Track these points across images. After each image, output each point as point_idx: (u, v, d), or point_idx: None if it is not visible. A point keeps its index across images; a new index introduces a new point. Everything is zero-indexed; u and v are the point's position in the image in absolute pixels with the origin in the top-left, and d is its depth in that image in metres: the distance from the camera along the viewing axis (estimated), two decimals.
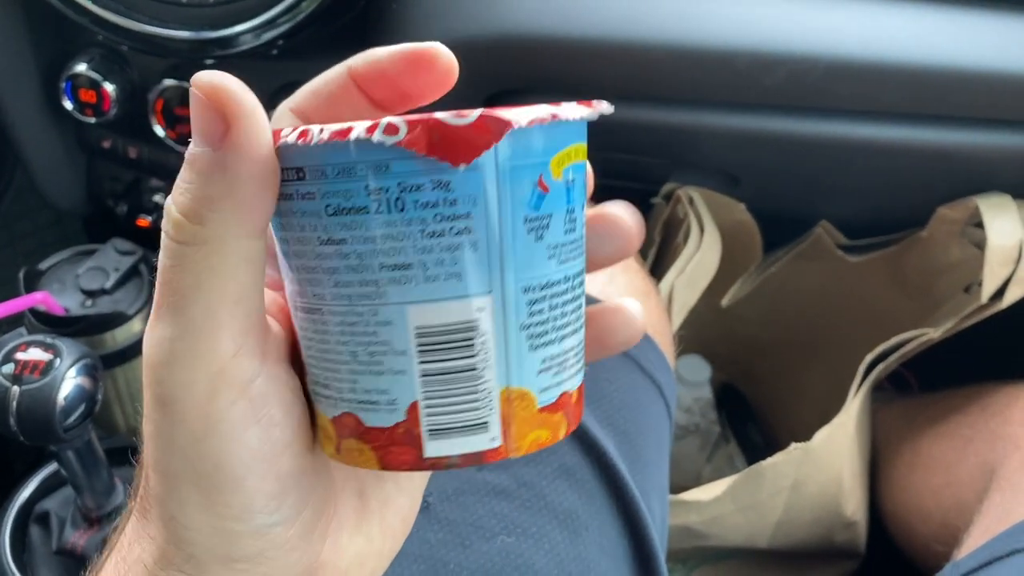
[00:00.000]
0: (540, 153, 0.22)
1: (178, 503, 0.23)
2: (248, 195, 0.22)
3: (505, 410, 0.23)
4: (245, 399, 0.23)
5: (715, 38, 0.59)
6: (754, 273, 0.84)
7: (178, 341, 0.22)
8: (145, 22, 0.60)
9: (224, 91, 0.21)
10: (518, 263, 0.23)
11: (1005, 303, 0.66)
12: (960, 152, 0.65)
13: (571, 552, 0.45)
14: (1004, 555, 0.52)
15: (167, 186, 0.73)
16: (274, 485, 0.24)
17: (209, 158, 0.21)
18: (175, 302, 0.22)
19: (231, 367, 0.22)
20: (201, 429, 0.22)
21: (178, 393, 0.22)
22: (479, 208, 0.22)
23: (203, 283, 0.22)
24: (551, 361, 0.24)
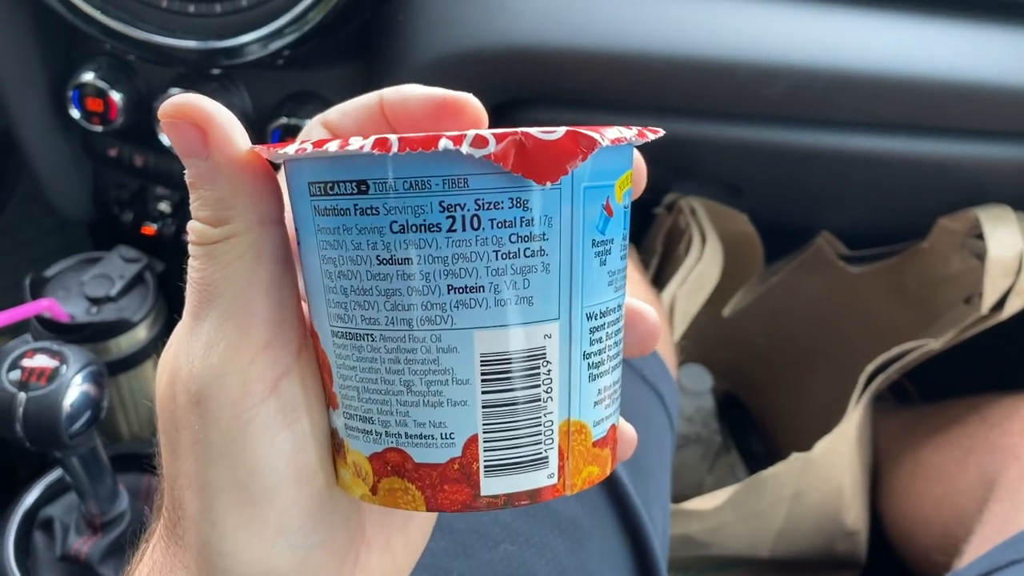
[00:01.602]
0: (609, 175, 0.22)
1: (212, 522, 0.23)
2: (252, 185, 0.22)
3: (563, 444, 0.22)
4: (275, 397, 0.23)
5: (717, 50, 0.59)
6: (755, 283, 0.84)
7: (212, 331, 0.22)
8: (153, 32, 0.61)
9: (187, 106, 0.22)
10: (585, 288, 0.22)
11: (1005, 314, 0.67)
12: (960, 164, 0.65)
13: (573, 561, 0.45)
14: (1004, 565, 0.52)
15: (172, 194, 0.74)
16: (310, 501, 0.23)
17: (204, 167, 0.22)
18: (206, 296, 0.22)
19: (262, 358, 0.22)
20: (236, 427, 0.22)
21: (212, 389, 0.22)
22: (554, 229, 0.21)
23: (232, 273, 0.22)
24: (605, 392, 0.23)
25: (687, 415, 0.93)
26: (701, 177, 0.74)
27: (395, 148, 0.20)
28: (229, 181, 0.22)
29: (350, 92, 0.69)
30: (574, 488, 0.23)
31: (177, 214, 0.74)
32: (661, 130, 0.23)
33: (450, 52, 0.61)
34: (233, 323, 0.22)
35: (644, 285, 0.60)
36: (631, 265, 0.60)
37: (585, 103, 0.65)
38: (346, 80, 0.66)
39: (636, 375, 0.53)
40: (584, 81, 0.63)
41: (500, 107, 0.65)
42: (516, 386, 0.21)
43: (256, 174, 0.22)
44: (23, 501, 0.65)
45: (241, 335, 0.22)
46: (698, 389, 0.94)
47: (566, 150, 0.20)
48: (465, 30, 0.60)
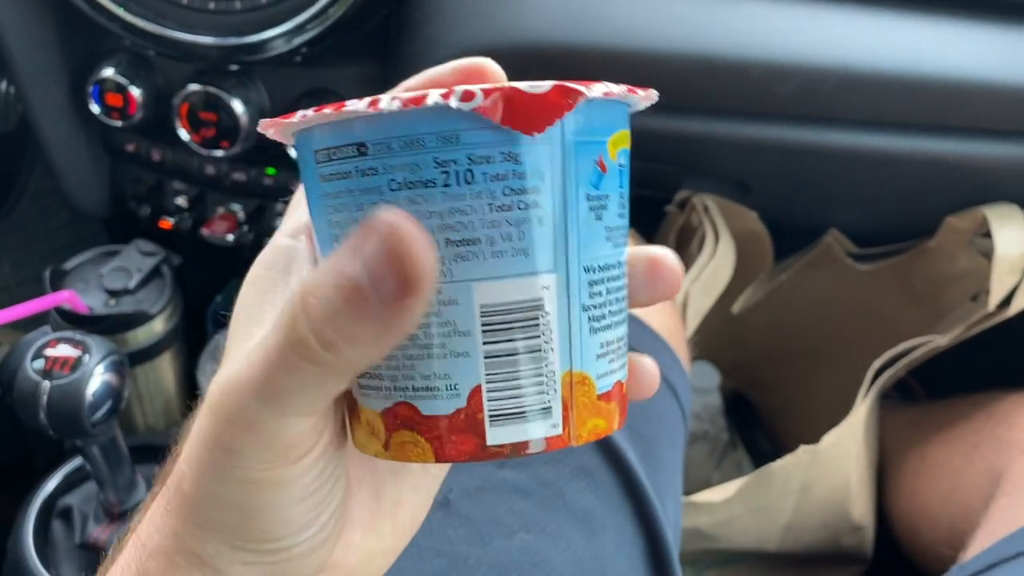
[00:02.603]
0: (601, 131, 0.22)
1: (212, 519, 0.24)
2: (386, 347, 0.21)
3: (566, 395, 0.22)
4: (307, 458, 0.24)
5: (730, 48, 0.60)
6: (764, 281, 0.85)
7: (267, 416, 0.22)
8: (173, 28, 0.62)
9: (414, 254, 0.19)
10: (581, 241, 0.22)
11: (1012, 311, 0.67)
12: (969, 163, 0.66)
13: (588, 551, 0.46)
14: (1010, 557, 0.53)
15: (189, 189, 0.75)
16: (308, 514, 0.25)
17: (372, 306, 0.19)
18: (276, 390, 0.22)
19: (303, 439, 0.23)
20: (258, 478, 0.23)
21: (246, 450, 0.23)
22: (546, 183, 0.21)
23: (306, 395, 0.22)
24: (608, 347, 0.23)
25: (695, 412, 0.94)
26: (712, 175, 0.75)
27: (386, 107, 0.21)
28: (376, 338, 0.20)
29: (367, 89, 0.70)
30: (579, 439, 0.23)
31: (194, 208, 0.75)
32: (654, 92, 0.24)
33: (466, 50, 0.61)
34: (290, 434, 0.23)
35: None
36: None
37: None
38: (363, 77, 0.67)
39: None
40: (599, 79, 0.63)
41: None
42: (516, 337, 0.22)
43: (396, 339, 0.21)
44: (42, 490, 0.66)
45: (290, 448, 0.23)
46: (706, 386, 0.94)
47: (553, 102, 0.21)
48: (481, 27, 0.61)
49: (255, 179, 0.73)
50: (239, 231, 0.73)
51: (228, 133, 0.67)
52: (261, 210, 0.74)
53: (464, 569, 0.43)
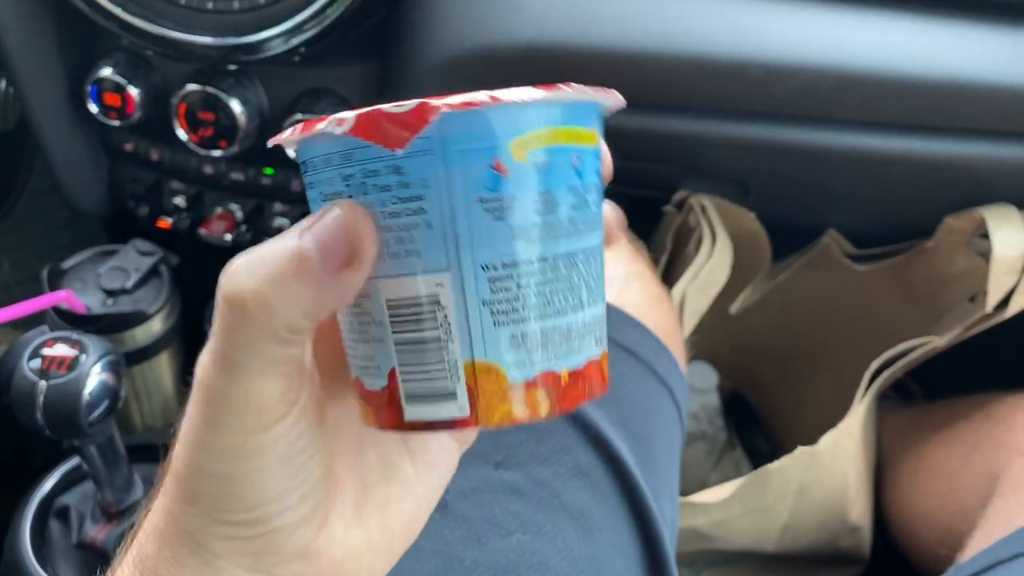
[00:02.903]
0: (493, 137, 0.23)
1: (196, 488, 0.26)
2: (320, 313, 0.24)
3: (470, 382, 0.25)
4: (282, 424, 0.25)
5: (729, 49, 0.60)
6: (762, 281, 0.85)
7: (229, 385, 0.24)
8: (171, 28, 0.62)
9: (364, 234, 0.23)
10: (475, 241, 0.24)
11: (1009, 312, 0.67)
12: (966, 164, 0.66)
13: (584, 551, 0.46)
14: (1007, 559, 0.53)
15: (187, 189, 0.75)
16: (285, 482, 0.26)
17: (312, 271, 0.23)
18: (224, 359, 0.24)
19: (276, 404, 0.24)
20: (235, 444, 0.25)
21: (222, 418, 0.24)
22: (431, 190, 0.23)
23: (252, 355, 0.24)
24: (525, 339, 0.25)
25: (692, 412, 0.94)
26: (710, 175, 0.75)
27: (296, 134, 0.25)
28: (316, 300, 0.23)
29: (365, 89, 0.70)
30: (490, 423, 0.25)
31: (192, 208, 0.75)
32: (573, 90, 0.25)
33: (464, 50, 0.62)
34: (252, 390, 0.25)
35: (654, 281, 0.61)
36: (641, 262, 0.61)
37: None
38: (361, 77, 0.67)
39: (647, 369, 0.54)
40: (596, 79, 0.63)
41: None
42: (418, 328, 0.25)
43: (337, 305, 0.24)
44: (39, 489, 0.66)
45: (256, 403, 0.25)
46: (704, 386, 0.94)
47: (408, 121, 0.23)
48: (479, 28, 0.61)
49: (253, 179, 0.73)
50: (237, 231, 0.73)
51: (226, 133, 0.67)
52: (259, 210, 0.74)
53: (461, 570, 0.43)
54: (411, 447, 0.30)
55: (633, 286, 0.57)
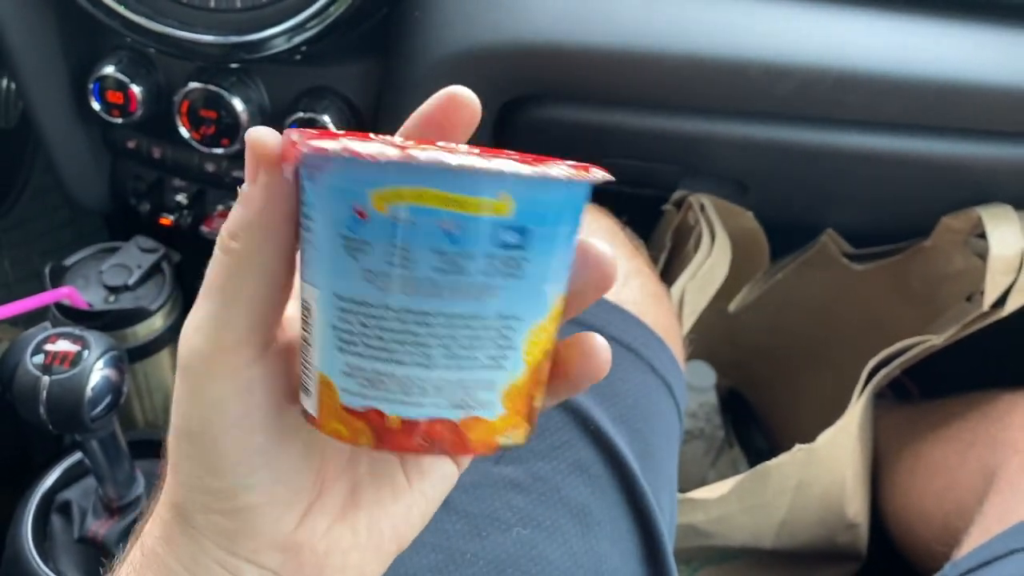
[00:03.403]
0: (357, 182, 0.25)
1: (175, 451, 0.28)
2: (269, 223, 0.26)
3: (319, 390, 0.27)
4: (238, 377, 0.27)
5: (728, 48, 0.61)
6: (760, 280, 0.85)
7: (210, 308, 0.27)
8: (174, 26, 0.62)
9: (260, 143, 0.26)
10: (334, 271, 0.26)
11: (1006, 311, 0.68)
12: (964, 163, 0.67)
13: (583, 545, 0.46)
14: (1003, 555, 0.53)
15: (189, 186, 0.75)
16: (245, 453, 0.27)
17: (244, 192, 0.26)
18: (206, 292, 0.27)
19: (232, 352, 0.27)
20: (197, 389, 0.27)
21: (191, 356, 0.27)
22: (316, 214, 0.26)
23: (226, 282, 0.27)
24: (360, 372, 0.26)
25: (690, 411, 0.94)
26: (709, 174, 0.75)
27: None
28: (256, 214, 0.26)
29: (366, 88, 0.70)
30: (324, 430, 0.27)
31: (194, 205, 0.75)
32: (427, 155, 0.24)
33: (464, 48, 0.62)
34: (217, 320, 0.27)
35: (653, 279, 0.61)
36: (641, 260, 0.61)
37: (597, 100, 0.67)
38: (362, 76, 0.67)
39: (646, 366, 0.54)
40: (596, 78, 0.64)
41: (513, 103, 0.66)
42: (305, 326, 0.28)
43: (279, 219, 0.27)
44: (41, 485, 0.66)
45: (218, 332, 0.27)
46: (702, 385, 0.95)
47: (284, 152, 0.26)
48: (480, 27, 0.62)
49: None
50: None
51: (228, 131, 0.67)
52: None
53: (461, 563, 0.43)
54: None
55: (632, 283, 0.58)
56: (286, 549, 0.28)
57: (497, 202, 0.25)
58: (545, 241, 0.26)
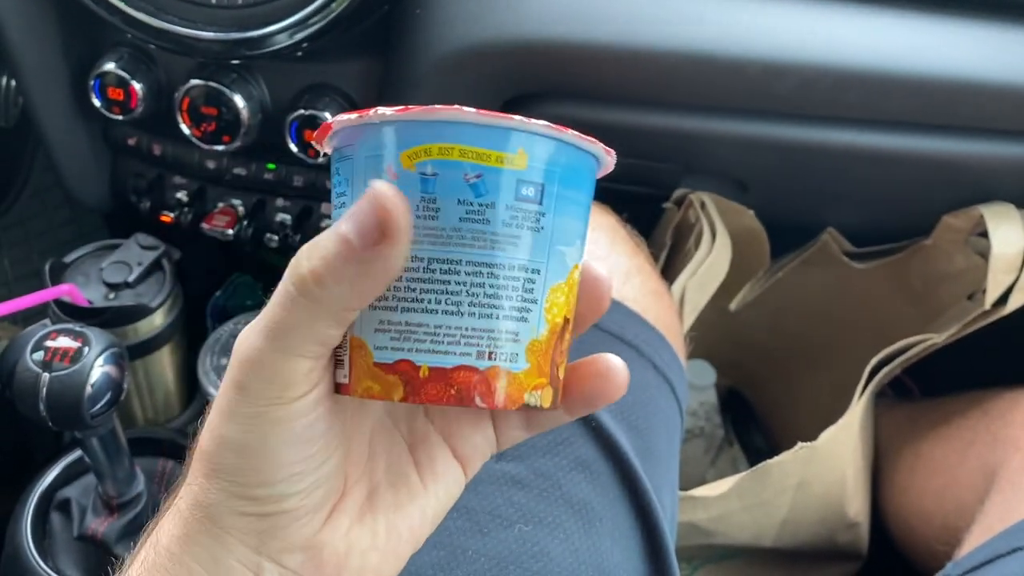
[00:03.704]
0: (383, 146, 0.27)
1: (220, 461, 0.28)
2: (364, 291, 0.26)
3: (351, 355, 0.28)
4: (303, 401, 0.27)
5: (729, 46, 0.61)
6: (761, 278, 0.85)
7: (270, 353, 0.27)
8: (175, 22, 0.62)
9: (393, 209, 0.25)
10: None
11: (1008, 309, 0.68)
12: (965, 162, 0.67)
13: (585, 542, 0.46)
14: (1006, 552, 0.53)
15: (190, 183, 0.75)
16: (301, 463, 0.28)
17: (353, 250, 0.25)
18: (275, 330, 0.26)
19: (303, 380, 0.27)
20: (259, 412, 0.27)
21: (254, 386, 0.27)
22: (351, 187, 0.28)
23: (302, 331, 0.26)
24: (392, 326, 0.28)
25: (691, 409, 0.94)
26: (709, 172, 0.75)
27: None
28: (354, 277, 0.26)
29: (367, 85, 0.70)
30: (356, 393, 0.28)
31: (194, 203, 0.75)
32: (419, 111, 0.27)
33: (465, 46, 0.62)
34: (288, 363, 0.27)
35: (654, 276, 0.61)
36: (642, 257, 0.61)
37: (597, 97, 0.67)
38: (363, 73, 0.67)
39: (647, 362, 0.54)
40: (596, 76, 0.64)
41: (514, 100, 0.66)
42: None
43: (374, 288, 0.26)
44: (40, 482, 0.66)
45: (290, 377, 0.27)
46: (702, 384, 0.95)
47: (319, 135, 0.29)
48: (480, 24, 0.62)
49: (255, 174, 0.73)
50: (239, 226, 0.74)
51: (229, 128, 0.67)
52: (261, 205, 0.75)
53: (463, 560, 0.43)
54: (417, 458, 0.32)
55: (634, 280, 0.58)
56: (309, 548, 0.29)
57: (515, 156, 0.27)
58: (560, 201, 0.28)
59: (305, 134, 0.66)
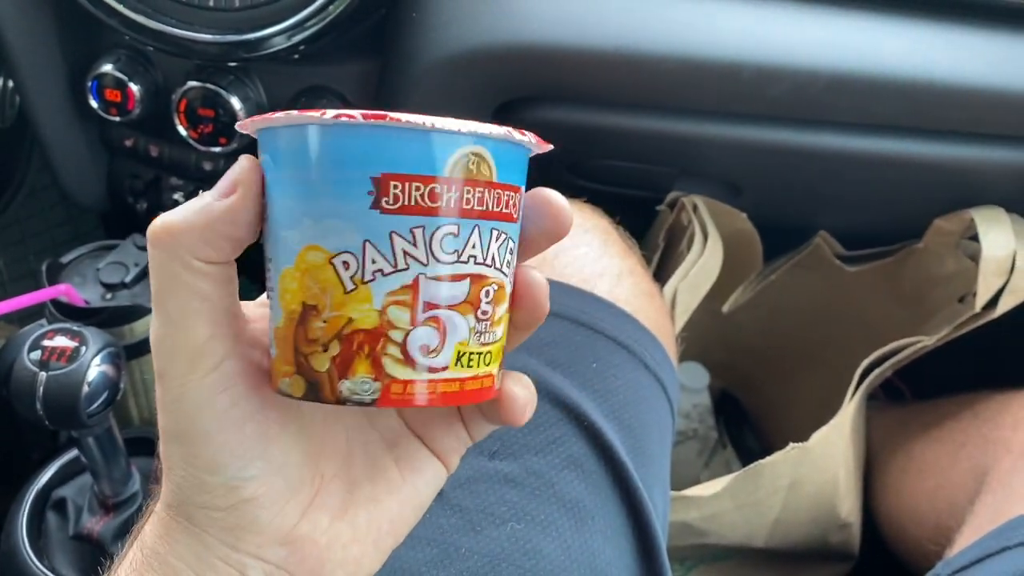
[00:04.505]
0: None
1: (167, 456, 0.29)
2: (210, 237, 0.27)
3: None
4: (216, 373, 0.27)
5: (721, 50, 0.61)
6: (754, 281, 0.86)
7: (162, 328, 0.27)
8: (173, 24, 0.62)
9: (239, 169, 0.27)
10: None
11: (998, 312, 0.68)
12: (956, 166, 0.67)
13: (577, 539, 0.46)
14: (995, 552, 0.53)
15: (186, 184, 0.75)
16: (239, 444, 0.28)
17: (204, 201, 0.27)
18: (156, 300, 0.28)
19: (205, 349, 0.27)
20: (179, 394, 0.28)
21: (165, 367, 0.28)
22: None
23: (173, 287, 0.27)
24: None
25: (684, 411, 0.95)
26: (702, 176, 0.75)
27: None
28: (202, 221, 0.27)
29: (363, 87, 0.71)
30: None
31: None
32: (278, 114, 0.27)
33: (461, 49, 0.62)
34: (178, 326, 0.27)
35: (646, 278, 0.61)
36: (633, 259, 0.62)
37: (592, 102, 0.67)
38: (360, 75, 0.68)
39: (639, 363, 0.54)
40: (590, 80, 0.64)
41: (509, 104, 0.67)
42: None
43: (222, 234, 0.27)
44: (36, 482, 0.66)
45: (184, 335, 0.27)
46: (695, 386, 0.95)
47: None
48: (476, 28, 0.62)
49: None
50: None
51: (226, 129, 0.67)
52: None
53: (456, 558, 0.44)
54: (396, 454, 0.32)
55: (625, 282, 0.58)
56: (289, 543, 0.29)
57: None
58: (274, 184, 0.27)
59: None
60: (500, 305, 0.29)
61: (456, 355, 0.27)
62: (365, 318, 0.26)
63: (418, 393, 0.27)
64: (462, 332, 0.27)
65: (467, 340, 0.28)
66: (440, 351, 0.27)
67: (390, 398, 0.27)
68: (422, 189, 0.26)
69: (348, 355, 0.27)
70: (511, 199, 0.28)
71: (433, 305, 0.27)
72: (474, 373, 0.28)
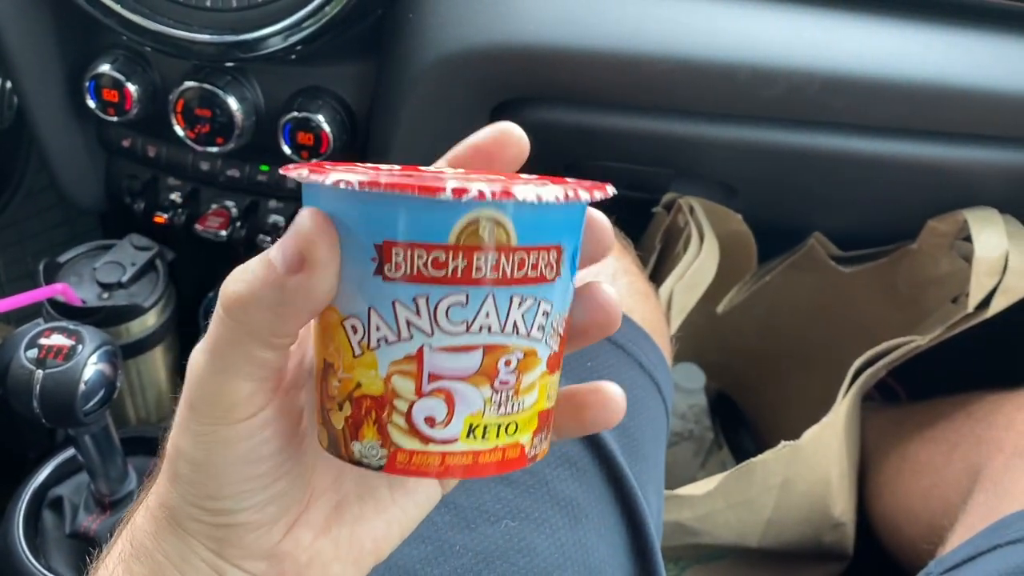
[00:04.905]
0: None
1: (177, 467, 0.29)
2: (287, 318, 0.26)
3: None
4: (248, 421, 0.27)
5: (717, 51, 0.61)
6: (749, 282, 0.86)
7: (208, 371, 0.27)
8: (170, 25, 0.63)
9: (312, 238, 0.25)
10: None
11: (991, 312, 0.69)
12: (950, 167, 0.68)
13: (571, 537, 0.47)
14: (987, 550, 0.54)
15: (183, 185, 0.76)
16: (248, 483, 0.28)
17: (277, 275, 0.25)
18: (214, 348, 0.27)
19: (246, 402, 0.27)
20: (208, 431, 0.27)
21: (200, 405, 0.27)
22: None
23: (236, 353, 0.26)
24: None
25: (680, 412, 0.95)
26: (698, 177, 0.76)
27: None
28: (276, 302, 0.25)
29: (360, 88, 0.71)
30: None
31: (188, 204, 0.76)
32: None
33: (457, 50, 0.63)
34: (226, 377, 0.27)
35: (641, 278, 0.62)
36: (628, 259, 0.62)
37: (587, 103, 0.67)
38: (357, 76, 0.68)
39: (634, 363, 0.55)
40: (586, 81, 0.65)
41: (505, 105, 0.67)
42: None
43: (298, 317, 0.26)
44: (33, 480, 0.66)
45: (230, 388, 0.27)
46: (691, 387, 0.95)
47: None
48: (472, 29, 0.62)
49: (249, 176, 0.74)
50: (232, 227, 0.74)
51: (223, 130, 0.68)
52: (254, 207, 0.75)
53: (450, 555, 0.44)
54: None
55: (620, 281, 0.58)
56: (270, 558, 0.30)
57: None
58: None
59: (298, 136, 0.66)
60: (529, 372, 0.27)
61: (467, 427, 0.26)
62: (372, 384, 0.26)
63: (426, 464, 0.26)
64: (474, 404, 0.26)
65: (481, 412, 0.26)
66: (448, 423, 0.26)
67: (396, 467, 0.26)
68: (424, 257, 0.25)
69: (358, 418, 0.26)
70: (542, 259, 0.26)
71: (438, 376, 0.26)
72: (493, 445, 0.27)
